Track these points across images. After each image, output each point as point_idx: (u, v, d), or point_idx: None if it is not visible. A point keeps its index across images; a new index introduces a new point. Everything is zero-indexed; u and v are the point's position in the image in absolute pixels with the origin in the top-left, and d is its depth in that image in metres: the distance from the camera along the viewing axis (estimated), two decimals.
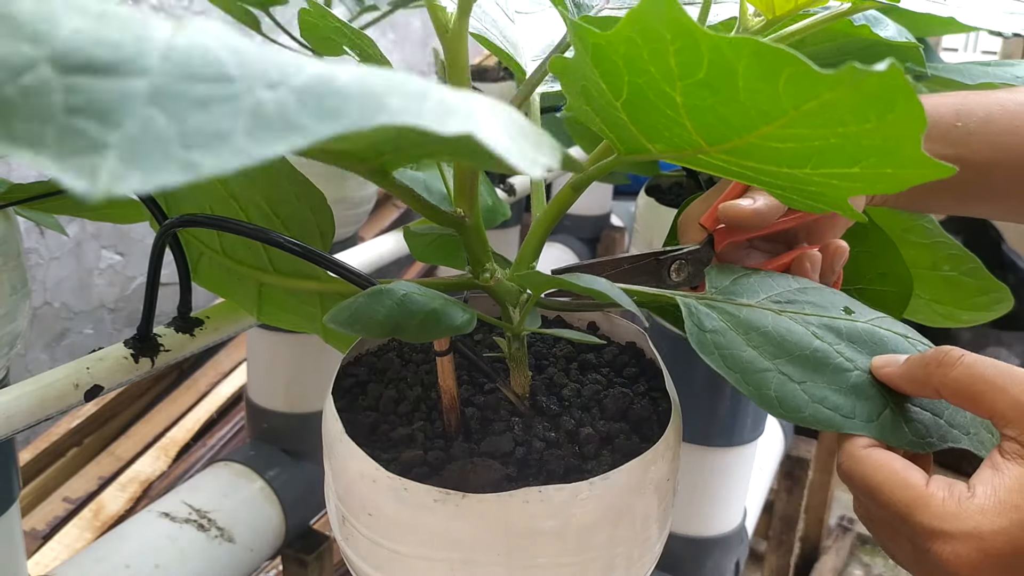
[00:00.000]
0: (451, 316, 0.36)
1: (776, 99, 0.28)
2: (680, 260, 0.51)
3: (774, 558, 1.42)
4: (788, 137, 0.30)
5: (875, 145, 0.29)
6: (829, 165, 0.32)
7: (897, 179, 0.32)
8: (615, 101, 0.34)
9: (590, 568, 0.38)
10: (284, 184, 0.47)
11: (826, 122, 0.28)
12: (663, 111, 0.32)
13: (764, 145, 0.32)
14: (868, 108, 0.27)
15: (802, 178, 0.34)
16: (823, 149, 0.31)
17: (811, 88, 0.27)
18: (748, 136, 0.31)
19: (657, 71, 0.30)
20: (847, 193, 0.36)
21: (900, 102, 0.26)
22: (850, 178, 0.32)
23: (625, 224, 1.62)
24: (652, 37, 0.29)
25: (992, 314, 0.67)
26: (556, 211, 0.43)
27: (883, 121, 0.27)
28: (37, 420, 0.45)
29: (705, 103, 0.30)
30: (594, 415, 0.43)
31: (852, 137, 0.29)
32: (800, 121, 0.29)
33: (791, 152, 0.32)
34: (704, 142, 0.33)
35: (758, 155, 0.33)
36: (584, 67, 0.33)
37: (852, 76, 0.25)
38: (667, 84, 0.30)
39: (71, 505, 1.25)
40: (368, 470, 0.37)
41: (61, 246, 1.37)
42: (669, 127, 0.33)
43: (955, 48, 2.41)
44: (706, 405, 0.84)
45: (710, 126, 0.32)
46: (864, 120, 0.28)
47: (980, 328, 2.11)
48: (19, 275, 0.54)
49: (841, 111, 0.27)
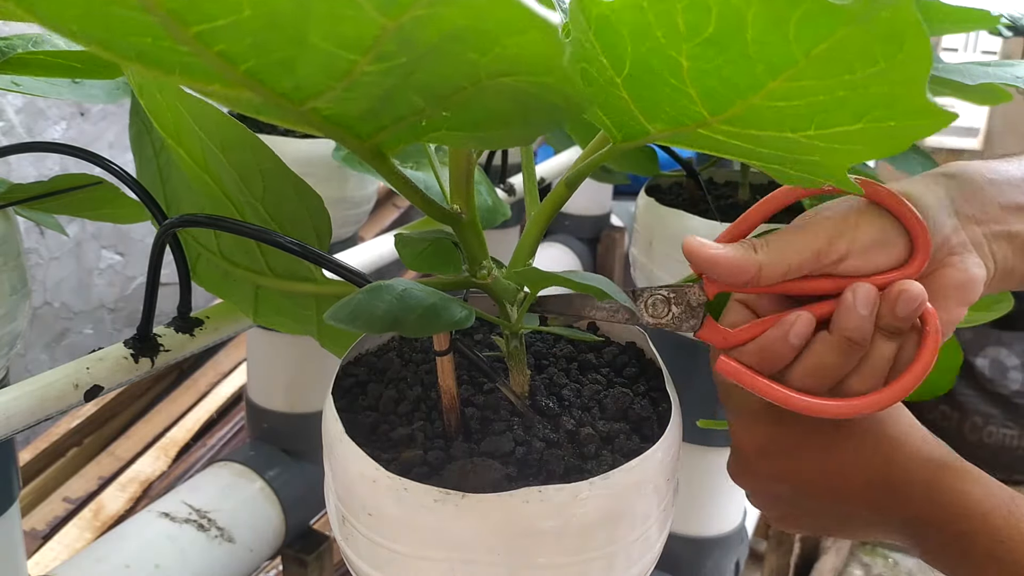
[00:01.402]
0: (450, 311, 0.36)
1: (786, 46, 0.28)
2: (659, 297, 0.44)
3: (774, 558, 1.42)
4: (793, 92, 0.30)
5: (881, 93, 0.29)
6: (832, 123, 0.32)
7: (900, 133, 0.31)
8: (616, 78, 0.34)
9: (590, 568, 0.38)
10: (280, 185, 0.47)
11: (834, 69, 0.28)
12: (667, 81, 0.32)
13: (767, 106, 0.32)
14: (877, 48, 0.27)
15: (803, 144, 0.34)
16: (827, 105, 0.31)
17: (824, 25, 0.27)
18: (753, 97, 0.31)
19: (663, 35, 0.30)
20: (847, 158, 0.35)
21: (909, 39, 0.26)
22: (852, 138, 0.32)
23: (625, 224, 1.62)
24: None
25: (992, 314, 0.67)
26: (551, 208, 0.43)
27: (892, 62, 0.27)
28: (37, 420, 0.45)
29: (712, 64, 0.31)
30: (594, 415, 0.43)
31: (859, 86, 0.29)
32: (807, 71, 0.28)
33: (794, 112, 0.32)
34: (707, 111, 0.34)
35: (760, 120, 0.33)
36: (584, 45, 0.33)
37: (866, 8, 0.25)
38: (673, 48, 0.30)
39: (71, 505, 1.25)
40: (368, 470, 0.37)
41: (61, 246, 1.37)
42: (672, 99, 0.34)
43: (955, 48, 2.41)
44: (706, 405, 0.84)
45: (715, 91, 0.32)
46: (872, 62, 0.27)
47: (980, 328, 2.12)
48: (19, 275, 0.54)
49: (850, 54, 0.27)
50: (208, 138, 0.44)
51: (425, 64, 0.29)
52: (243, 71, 0.27)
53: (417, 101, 0.32)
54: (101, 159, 0.53)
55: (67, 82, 0.53)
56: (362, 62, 0.27)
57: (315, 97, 0.30)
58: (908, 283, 0.40)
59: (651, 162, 0.79)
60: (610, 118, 0.38)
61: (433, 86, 0.30)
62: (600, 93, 0.36)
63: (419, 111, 0.32)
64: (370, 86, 0.30)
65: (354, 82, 0.29)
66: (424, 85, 0.30)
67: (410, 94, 0.31)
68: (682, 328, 0.44)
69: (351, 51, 0.27)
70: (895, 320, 0.41)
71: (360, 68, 0.28)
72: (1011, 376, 2.11)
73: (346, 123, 0.33)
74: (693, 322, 0.44)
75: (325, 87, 0.29)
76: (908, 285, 0.40)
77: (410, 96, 0.31)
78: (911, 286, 0.40)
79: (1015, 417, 2.13)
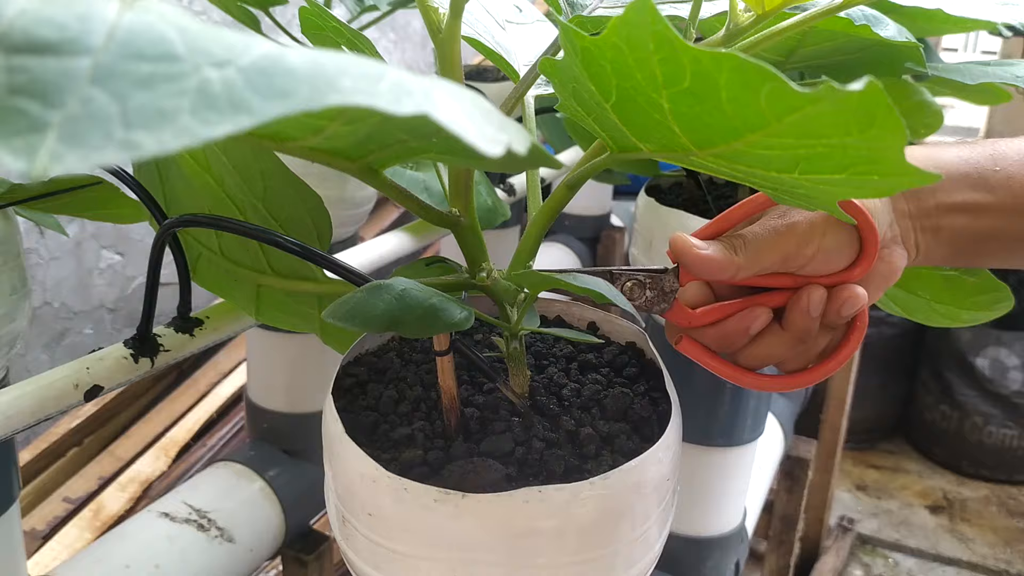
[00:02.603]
0: (449, 312, 0.36)
1: (759, 111, 0.28)
2: (635, 281, 0.47)
3: (774, 558, 1.42)
4: (774, 145, 0.30)
5: (860, 155, 0.29)
6: (816, 171, 0.32)
7: (884, 186, 0.32)
8: (605, 103, 0.34)
9: (590, 568, 0.38)
10: (281, 186, 0.47)
11: (809, 133, 0.29)
12: (651, 115, 0.32)
13: (751, 151, 0.32)
14: (849, 122, 0.27)
15: (790, 182, 0.34)
16: (810, 156, 0.31)
17: (791, 103, 0.27)
18: (735, 143, 0.31)
19: (643, 78, 0.30)
20: (836, 197, 0.36)
21: (880, 117, 0.26)
22: (837, 184, 0.33)
23: (625, 224, 1.62)
24: (636, 46, 0.29)
25: (992, 314, 0.67)
26: (552, 210, 0.43)
27: (865, 135, 0.27)
28: (37, 420, 0.45)
29: (692, 111, 0.31)
30: (594, 415, 0.43)
31: (837, 147, 0.29)
32: (784, 131, 0.29)
33: (778, 158, 0.32)
34: (693, 146, 0.34)
35: (746, 159, 0.33)
36: (574, 69, 0.33)
37: (830, 95, 0.25)
38: (653, 91, 0.31)
39: (71, 505, 1.25)
40: (368, 470, 0.37)
41: (61, 246, 1.37)
42: (658, 130, 0.34)
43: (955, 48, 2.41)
44: (706, 405, 0.84)
45: (697, 131, 0.32)
46: (846, 133, 0.28)
47: (980, 328, 2.11)
48: (19, 275, 0.54)
49: (822, 125, 0.28)
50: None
51: (394, 125, 0.29)
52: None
53: (401, 135, 0.32)
54: None
55: None
56: (332, 125, 0.28)
57: (295, 141, 0.30)
58: (854, 289, 0.46)
59: (651, 162, 0.79)
60: (606, 133, 0.38)
61: (415, 127, 0.30)
62: (592, 112, 0.36)
63: (405, 141, 0.32)
64: (348, 136, 0.30)
65: (331, 135, 0.29)
66: (405, 127, 0.30)
67: (393, 131, 0.31)
68: (652, 310, 0.48)
69: (319, 119, 0.27)
70: (838, 318, 0.47)
71: (332, 129, 0.28)
72: (1011, 376, 2.11)
73: (332, 153, 0.33)
74: (663, 305, 0.48)
75: (302, 138, 0.30)
76: (854, 291, 0.46)
77: (394, 132, 0.31)
78: (857, 292, 0.46)
79: (1015, 417, 2.13)
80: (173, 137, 0.17)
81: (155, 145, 0.17)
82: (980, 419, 2.16)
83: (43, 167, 0.16)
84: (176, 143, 0.17)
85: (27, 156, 0.16)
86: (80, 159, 0.16)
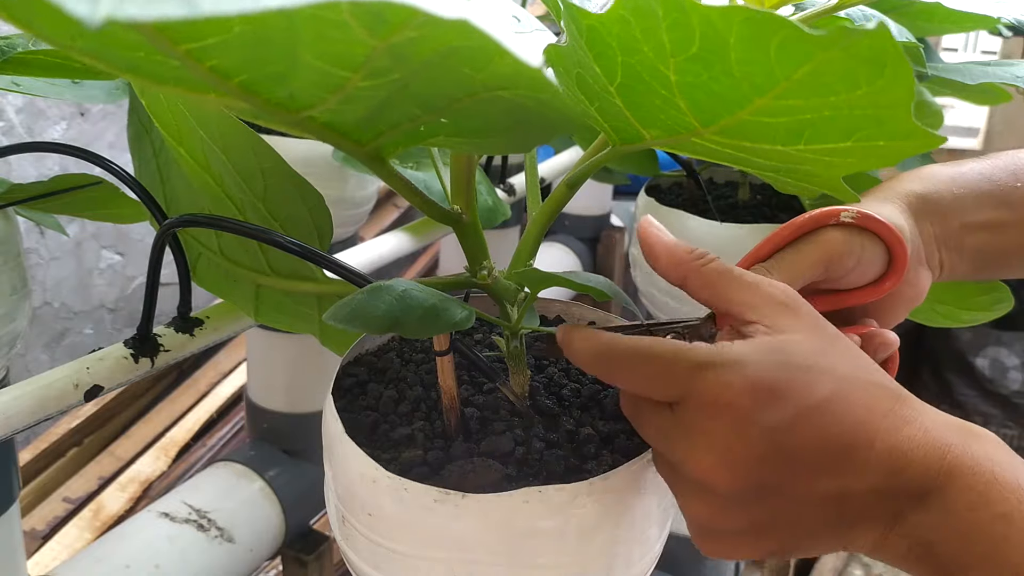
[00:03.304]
0: (450, 312, 0.36)
1: (768, 68, 0.28)
2: (675, 334, 0.44)
3: (774, 558, 1.42)
4: (780, 110, 0.30)
5: (867, 115, 0.30)
6: (822, 140, 0.32)
7: (890, 151, 0.32)
8: (610, 86, 0.34)
9: (590, 568, 0.38)
10: (282, 184, 0.47)
11: (817, 91, 0.29)
12: (657, 91, 0.32)
13: (757, 121, 0.32)
14: (858, 72, 0.27)
15: (795, 156, 0.34)
16: (815, 122, 0.31)
17: (803, 51, 0.27)
18: (741, 112, 0.31)
19: (650, 49, 0.30)
20: (840, 170, 0.36)
21: (890, 65, 0.26)
22: (843, 153, 0.33)
23: (625, 224, 1.62)
24: (644, 14, 0.29)
25: (992, 314, 0.67)
26: (552, 209, 0.43)
27: (873, 87, 0.27)
28: (37, 420, 0.45)
29: (699, 79, 0.31)
30: (594, 415, 0.43)
31: (844, 107, 0.29)
32: (792, 91, 0.29)
33: (784, 128, 0.32)
34: (698, 123, 0.34)
35: (751, 133, 0.33)
36: (578, 52, 0.33)
37: (842, 36, 0.26)
38: (660, 62, 0.31)
39: (71, 505, 1.25)
40: (368, 470, 0.37)
41: (61, 246, 1.37)
42: (664, 109, 0.34)
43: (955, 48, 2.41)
44: None
45: (703, 104, 0.32)
46: (855, 86, 0.28)
47: (980, 328, 2.12)
48: (19, 275, 0.54)
49: (832, 77, 0.28)
50: (210, 138, 0.44)
51: (420, 78, 0.29)
52: (236, 83, 0.27)
53: (414, 110, 0.32)
54: (101, 159, 0.53)
55: (67, 82, 0.53)
56: (355, 78, 0.27)
57: (310, 107, 0.30)
58: (886, 336, 0.48)
59: (651, 162, 0.79)
60: (608, 123, 0.38)
61: (429, 97, 0.30)
62: (596, 99, 0.36)
63: (416, 118, 0.32)
64: (365, 99, 0.30)
65: (349, 95, 0.29)
66: (420, 96, 0.30)
67: (406, 104, 0.31)
68: None
69: (343, 68, 0.27)
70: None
71: (353, 83, 0.28)
72: (1011, 376, 2.11)
73: (343, 130, 0.33)
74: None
75: (320, 99, 0.29)
76: (887, 338, 0.48)
77: (407, 106, 0.31)
78: (889, 338, 0.48)
79: (1015, 417, 2.13)
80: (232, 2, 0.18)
81: (212, 7, 0.17)
82: (980, 419, 2.16)
83: (106, 12, 0.16)
84: (233, 7, 0.18)
85: (89, 2, 0.16)
86: (140, 9, 0.17)
